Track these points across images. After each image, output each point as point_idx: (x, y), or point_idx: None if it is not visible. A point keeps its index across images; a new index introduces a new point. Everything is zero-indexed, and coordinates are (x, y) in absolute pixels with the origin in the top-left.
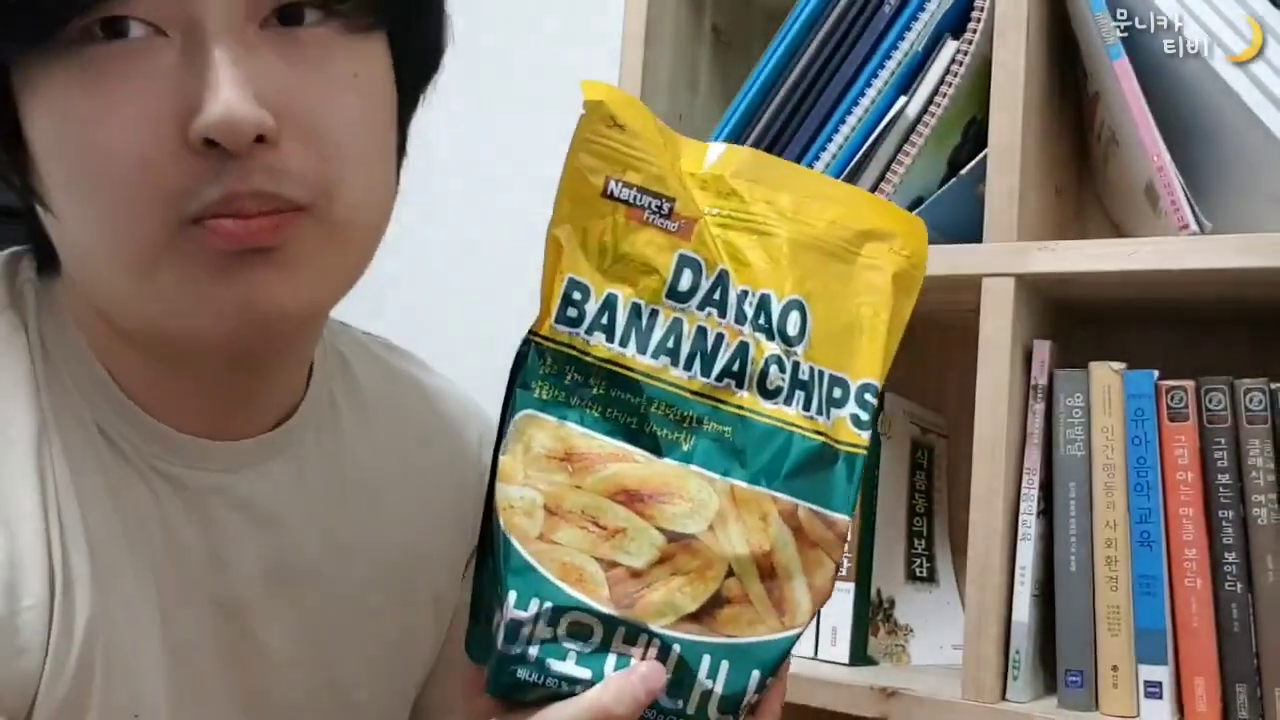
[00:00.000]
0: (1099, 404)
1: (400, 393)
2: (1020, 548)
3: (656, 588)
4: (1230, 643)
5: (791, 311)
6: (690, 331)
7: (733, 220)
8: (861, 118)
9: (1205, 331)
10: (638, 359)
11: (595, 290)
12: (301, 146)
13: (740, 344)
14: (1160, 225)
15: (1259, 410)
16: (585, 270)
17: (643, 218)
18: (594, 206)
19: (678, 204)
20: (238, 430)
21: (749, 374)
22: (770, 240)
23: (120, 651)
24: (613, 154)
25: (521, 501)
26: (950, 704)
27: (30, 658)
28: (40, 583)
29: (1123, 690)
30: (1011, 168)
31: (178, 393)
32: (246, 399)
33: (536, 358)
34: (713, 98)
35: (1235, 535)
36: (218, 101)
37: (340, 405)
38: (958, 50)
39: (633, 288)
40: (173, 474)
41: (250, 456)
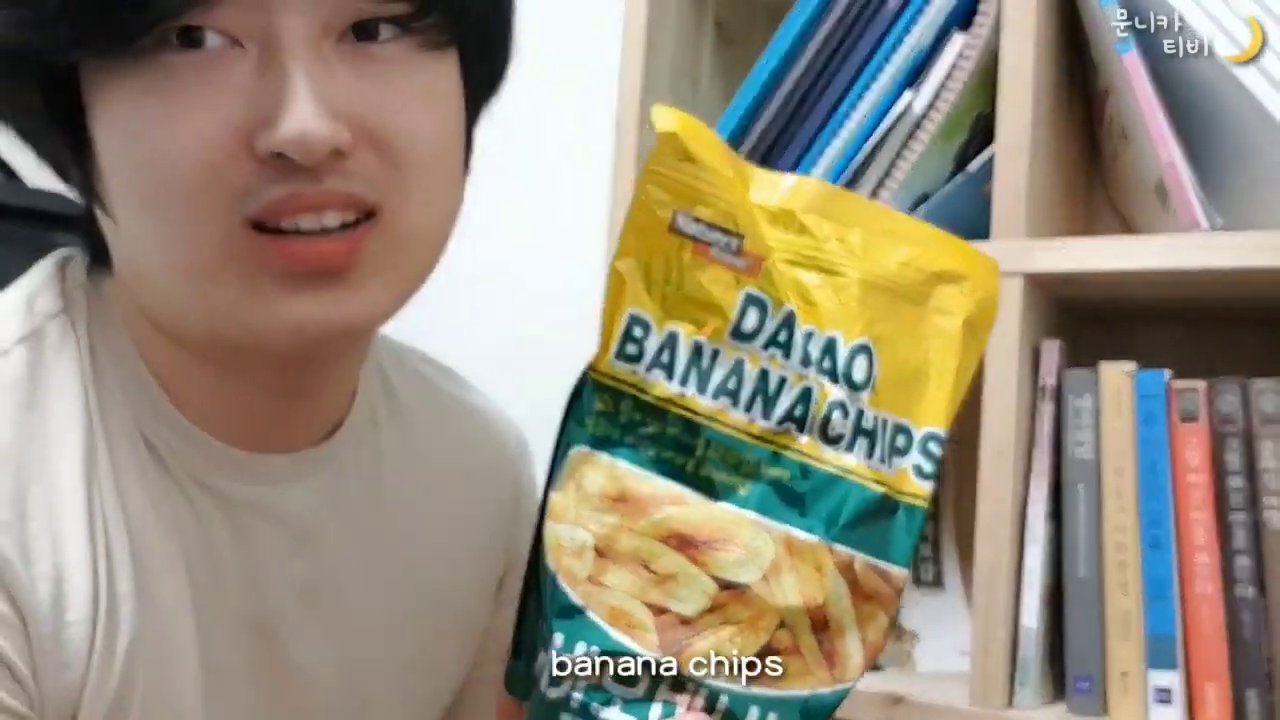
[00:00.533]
0: (1109, 405)
1: (440, 412)
2: (1028, 552)
3: (706, 636)
4: (1242, 648)
5: (859, 356)
6: (753, 373)
7: (802, 258)
8: (866, 113)
9: (1216, 331)
10: (698, 400)
11: (657, 326)
12: (374, 156)
13: (804, 388)
14: (1170, 222)
15: (1272, 411)
16: (648, 305)
17: (710, 254)
18: (660, 240)
19: (746, 240)
20: (281, 444)
21: (811, 419)
22: (840, 280)
23: (160, 670)
24: (682, 187)
25: (571, 542)
26: (957, 710)
27: (73, 673)
28: (85, 598)
29: (1133, 696)
30: (1019, 164)
31: (225, 404)
32: (293, 413)
33: (593, 394)
34: (715, 93)
35: (1247, 539)
36: (293, 117)
37: (381, 423)
38: (965, 45)
39: (695, 326)
40: (216, 487)
41: (293, 471)
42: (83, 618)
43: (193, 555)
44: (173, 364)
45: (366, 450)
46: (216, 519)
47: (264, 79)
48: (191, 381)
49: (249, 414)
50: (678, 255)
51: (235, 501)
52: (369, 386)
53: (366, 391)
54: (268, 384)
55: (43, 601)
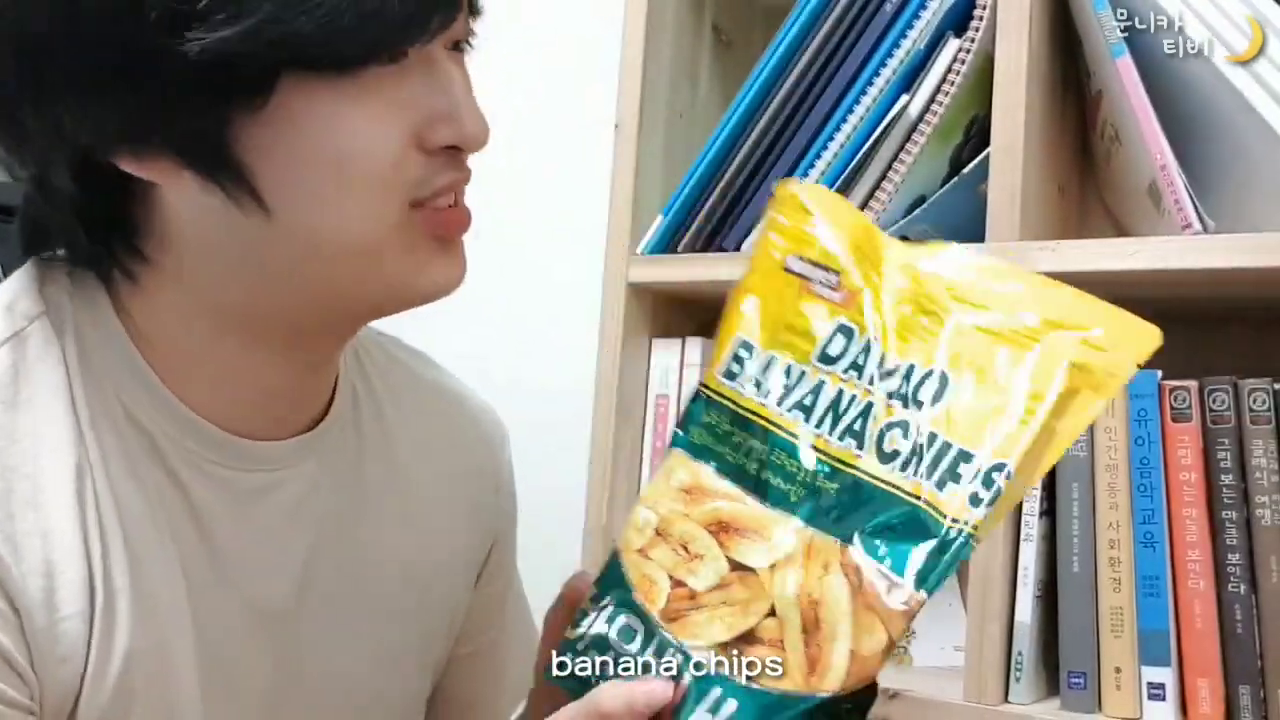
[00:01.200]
0: None
1: (417, 395)
2: (1022, 549)
3: (704, 611)
4: (1234, 644)
5: (930, 380)
6: (830, 392)
7: (908, 298)
8: (863, 116)
9: (1208, 331)
10: (772, 409)
11: (760, 350)
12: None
13: (867, 404)
14: (1163, 224)
15: (1263, 410)
16: (755, 334)
17: (813, 290)
18: (776, 279)
19: (843, 276)
20: (279, 430)
21: (869, 434)
22: (936, 319)
23: (159, 665)
24: (797, 235)
25: (641, 520)
26: (952, 706)
27: (72, 666)
28: (80, 593)
29: (1126, 692)
30: (1014, 167)
31: (231, 393)
32: (295, 397)
33: (703, 407)
34: (713, 97)
35: (1239, 536)
36: (472, 117)
37: (361, 404)
38: (960, 49)
39: (791, 351)
40: (219, 475)
41: (291, 456)
42: (78, 611)
43: (188, 547)
44: (183, 357)
45: (351, 432)
46: (217, 508)
47: (429, 86)
48: (202, 373)
49: (252, 402)
50: (788, 291)
51: (239, 488)
52: (347, 367)
53: (346, 373)
54: (295, 363)
55: (35, 597)
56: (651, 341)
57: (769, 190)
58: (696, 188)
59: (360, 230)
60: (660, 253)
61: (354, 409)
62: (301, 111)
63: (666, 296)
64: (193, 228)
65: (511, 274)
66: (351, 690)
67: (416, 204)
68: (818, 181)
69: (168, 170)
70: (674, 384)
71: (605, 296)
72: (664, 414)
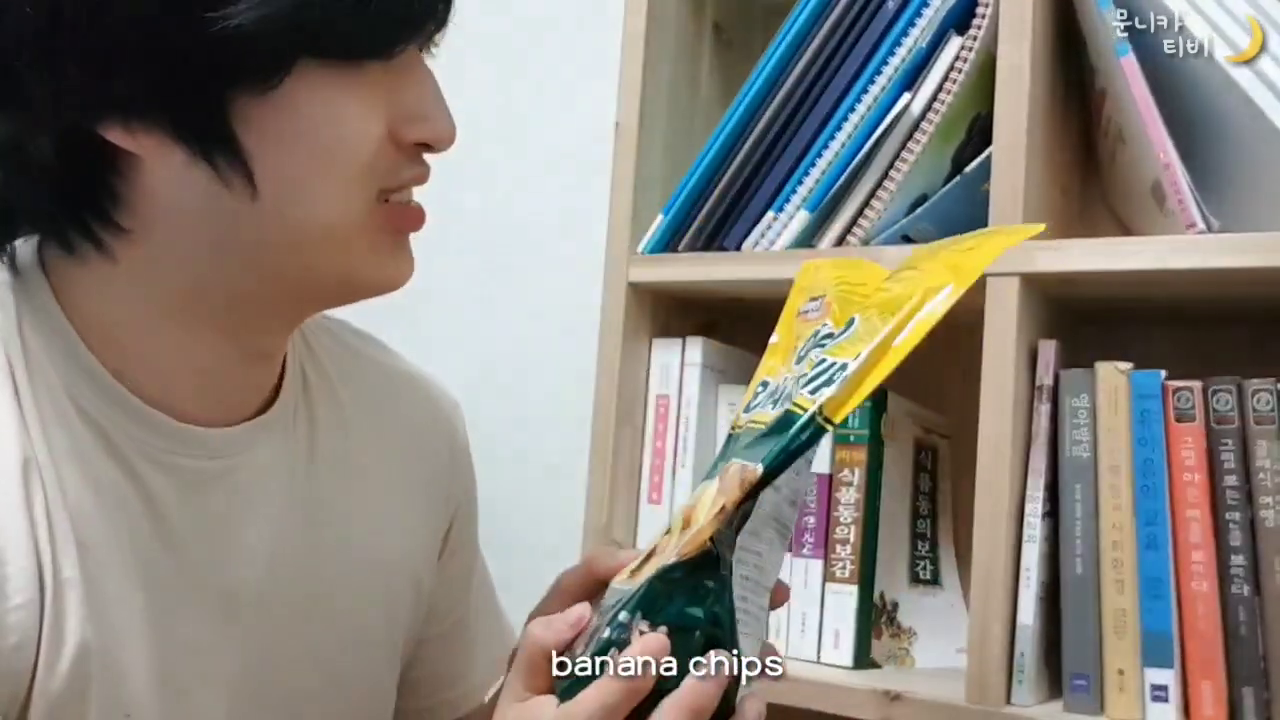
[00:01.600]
0: (1105, 404)
1: (368, 375)
2: (1025, 550)
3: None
4: (1237, 646)
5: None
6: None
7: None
8: (865, 115)
9: (1212, 331)
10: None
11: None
12: None
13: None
14: (1167, 224)
15: (1267, 410)
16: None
17: (808, 318)
18: (792, 324)
19: (825, 298)
20: (229, 417)
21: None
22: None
23: (111, 651)
24: (811, 288)
25: (680, 510)
26: (954, 707)
27: (22, 655)
28: (30, 582)
29: (1129, 694)
30: (1016, 165)
31: (177, 379)
32: (241, 383)
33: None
34: (714, 96)
35: (1242, 537)
36: (445, 117)
37: (312, 387)
38: (962, 47)
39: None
40: (172, 464)
41: (243, 442)
42: (27, 601)
43: (145, 537)
44: (129, 345)
45: (303, 416)
46: (172, 497)
47: (410, 84)
48: (148, 360)
49: (203, 389)
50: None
51: (192, 476)
52: (295, 353)
53: (294, 355)
54: (240, 350)
55: None
56: (651, 341)
57: (769, 190)
58: (696, 188)
59: (335, 216)
60: (660, 253)
61: (305, 393)
62: (303, 97)
63: (666, 296)
64: (170, 203)
65: (512, 274)
66: (322, 673)
67: (383, 197)
68: (819, 180)
69: (157, 143)
70: (674, 384)
71: (605, 296)
72: (664, 414)
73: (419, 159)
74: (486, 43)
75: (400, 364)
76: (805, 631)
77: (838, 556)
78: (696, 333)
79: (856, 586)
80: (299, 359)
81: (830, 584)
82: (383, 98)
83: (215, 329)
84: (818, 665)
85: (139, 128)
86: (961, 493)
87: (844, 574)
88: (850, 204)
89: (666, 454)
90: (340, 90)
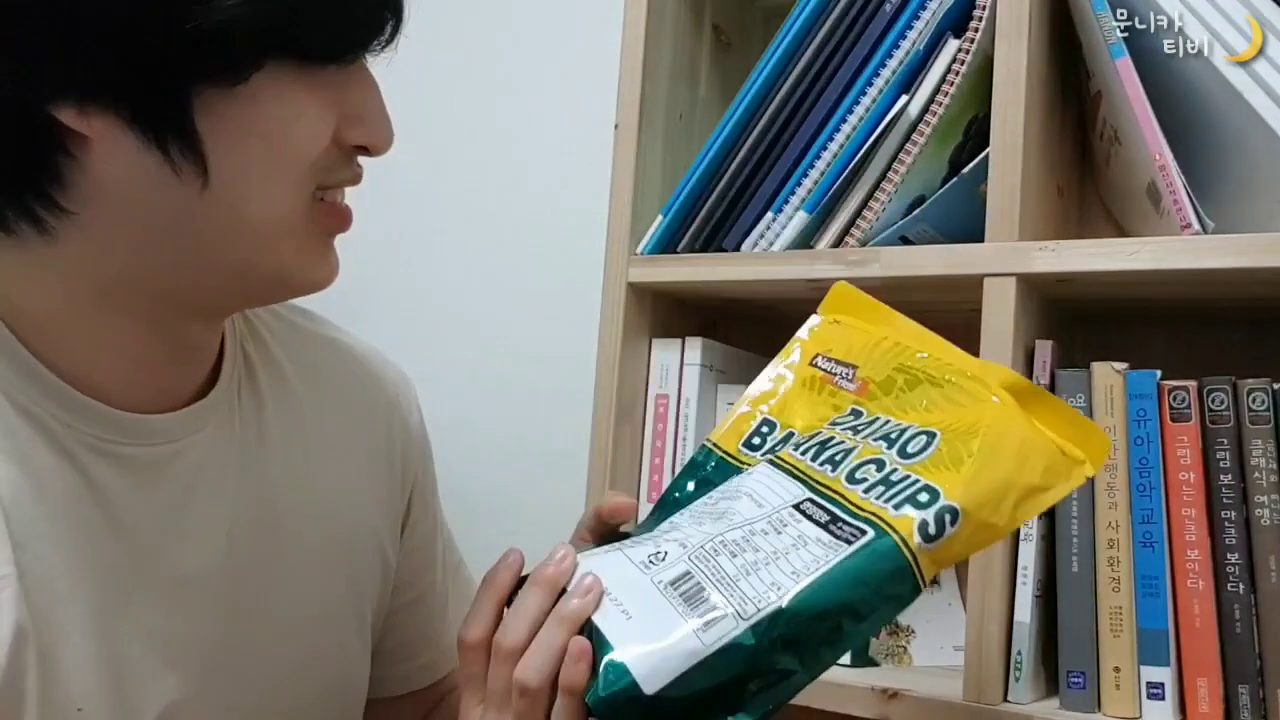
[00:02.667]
0: (1101, 404)
1: (313, 350)
2: (1022, 548)
3: None
4: (1233, 644)
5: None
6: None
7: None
8: (863, 117)
9: (1207, 331)
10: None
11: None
12: None
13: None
14: (1163, 225)
15: (1261, 410)
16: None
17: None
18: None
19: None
20: (168, 402)
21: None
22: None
23: (56, 647)
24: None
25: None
26: (952, 705)
27: None
28: None
29: (1125, 692)
30: (1013, 167)
31: (110, 367)
32: (175, 369)
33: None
34: (713, 97)
35: (1238, 536)
36: (386, 121)
37: (256, 365)
38: (959, 49)
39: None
40: (115, 452)
41: (185, 426)
42: None
43: (92, 527)
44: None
45: (248, 395)
46: (118, 485)
47: (358, 88)
48: (80, 349)
49: (141, 376)
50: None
51: (137, 464)
52: (235, 334)
53: (233, 335)
54: (170, 340)
55: None
56: (651, 341)
57: (768, 191)
58: (696, 188)
59: (278, 211)
60: (660, 253)
61: (248, 373)
62: (267, 94)
63: (666, 296)
64: (116, 188)
65: (512, 274)
66: (290, 650)
67: (318, 194)
68: (817, 182)
69: (110, 128)
70: (674, 384)
71: (605, 296)
72: (664, 414)
73: (355, 161)
74: (487, 43)
75: (345, 339)
76: None
77: None
78: (696, 333)
79: None
80: (239, 339)
81: None
82: (339, 98)
83: (145, 320)
84: None
85: (94, 111)
86: None
87: None
88: (848, 205)
89: (666, 453)
90: (302, 90)
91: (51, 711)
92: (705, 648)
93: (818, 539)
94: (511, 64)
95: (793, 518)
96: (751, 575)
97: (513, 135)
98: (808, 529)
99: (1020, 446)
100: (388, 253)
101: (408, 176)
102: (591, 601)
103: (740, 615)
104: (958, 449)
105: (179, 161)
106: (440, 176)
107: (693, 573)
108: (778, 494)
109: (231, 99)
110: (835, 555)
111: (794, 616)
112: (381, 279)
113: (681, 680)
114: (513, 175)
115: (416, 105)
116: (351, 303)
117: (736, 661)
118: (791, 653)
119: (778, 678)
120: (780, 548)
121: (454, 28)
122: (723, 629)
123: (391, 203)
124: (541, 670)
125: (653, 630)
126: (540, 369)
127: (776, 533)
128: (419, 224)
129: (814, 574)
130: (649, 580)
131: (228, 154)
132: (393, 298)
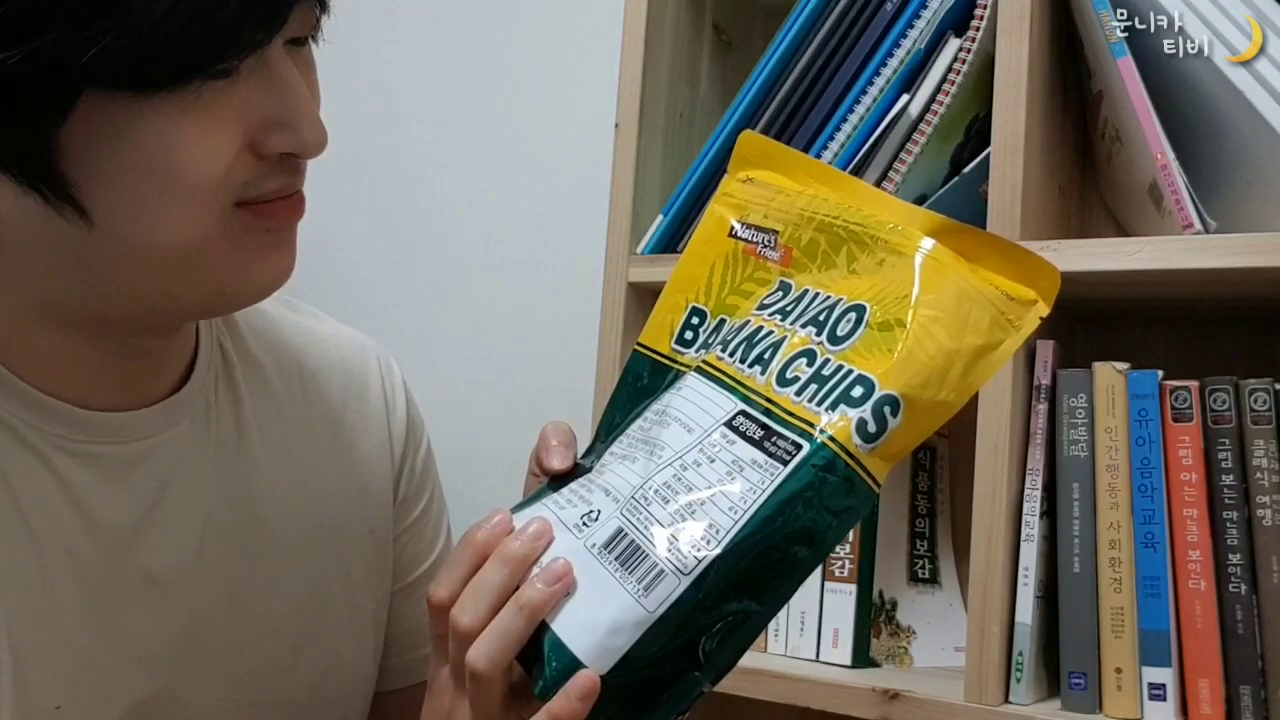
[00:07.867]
0: (1102, 404)
1: (289, 338)
2: (1023, 549)
3: None
4: (1235, 644)
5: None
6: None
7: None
8: (864, 116)
9: (1208, 331)
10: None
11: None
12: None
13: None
14: (1164, 224)
15: (1263, 410)
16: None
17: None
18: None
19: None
20: (143, 398)
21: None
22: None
23: (30, 647)
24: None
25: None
26: (953, 706)
27: None
28: None
29: (1126, 692)
30: (1014, 166)
31: (72, 373)
32: (155, 364)
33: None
34: (714, 96)
35: (1240, 536)
36: (311, 125)
37: (231, 357)
38: (960, 48)
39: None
40: (86, 452)
41: (158, 423)
42: None
43: (65, 526)
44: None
45: (224, 388)
46: (91, 484)
47: (265, 93)
48: (39, 357)
49: (109, 377)
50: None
51: (109, 463)
52: (210, 326)
53: (210, 332)
54: (129, 350)
55: None
56: None
57: None
58: (696, 188)
59: (182, 236)
60: (660, 252)
61: (224, 368)
62: (125, 125)
63: None
64: (15, 226)
65: (512, 274)
66: (278, 642)
67: (242, 204)
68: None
69: None
70: None
71: (605, 296)
72: None
73: (289, 166)
74: (486, 43)
75: (327, 327)
76: (804, 630)
77: (836, 555)
78: None
79: (855, 585)
80: (215, 333)
81: (829, 583)
82: (235, 111)
83: (95, 335)
84: (817, 664)
85: None
86: (960, 492)
87: (843, 573)
88: None
89: None
90: (170, 112)
91: (29, 710)
92: (650, 614)
93: (753, 461)
94: (511, 64)
95: (725, 439)
96: (687, 520)
97: (512, 135)
98: (742, 450)
99: (958, 304)
100: (387, 252)
101: (407, 176)
102: (560, 591)
103: (680, 570)
104: (889, 323)
105: (57, 204)
106: (440, 176)
107: (625, 530)
108: (709, 412)
109: (87, 136)
110: (771, 480)
111: (737, 560)
112: (381, 279)
113: (630, 655)
114: (513, 175)
115: (416, 106)
116: (351, 303)
117: (687, 618)
118: (744, 594)
119: (737, 621)
120: (714, 479)
121: (454, 28)
122: (664, 590)
123: (391, 203)
124: (494, 660)
125: (594, 604)
126: (540, 368)
127: (710, 461)
128: (419, 224)
129: (750, 507)
130: (582, 546)
131: (105, 192)
132: (392, 298)
